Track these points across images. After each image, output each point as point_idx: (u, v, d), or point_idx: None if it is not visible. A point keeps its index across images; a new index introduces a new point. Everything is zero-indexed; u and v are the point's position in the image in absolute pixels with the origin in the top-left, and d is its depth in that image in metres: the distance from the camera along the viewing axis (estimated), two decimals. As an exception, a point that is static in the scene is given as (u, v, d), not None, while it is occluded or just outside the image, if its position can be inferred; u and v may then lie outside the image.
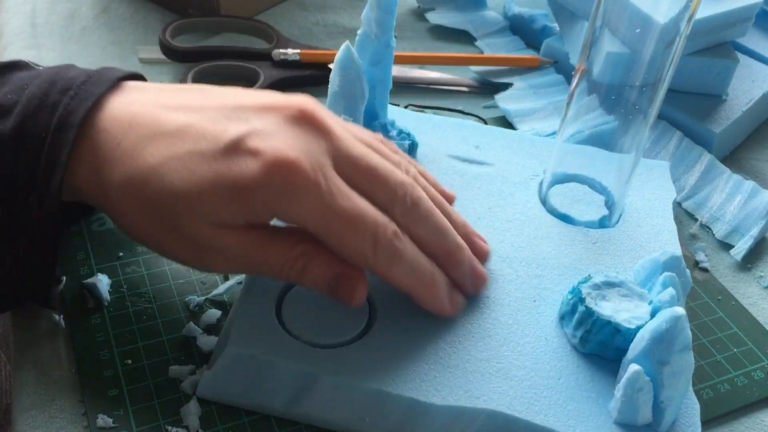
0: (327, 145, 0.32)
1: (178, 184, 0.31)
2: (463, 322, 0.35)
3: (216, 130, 0.32)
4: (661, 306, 0.34)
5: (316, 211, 0.31)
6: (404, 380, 0.33)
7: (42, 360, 0.35)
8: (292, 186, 0.30)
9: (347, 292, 0.33)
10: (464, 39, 0.65)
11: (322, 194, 0.31)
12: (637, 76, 0.37)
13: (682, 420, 0.33)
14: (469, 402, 0.32)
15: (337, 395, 0.32)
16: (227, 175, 0.30)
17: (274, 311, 0.35)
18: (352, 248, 0.32)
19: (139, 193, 0.31)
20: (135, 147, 0.32)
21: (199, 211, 0.31)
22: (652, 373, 0.32)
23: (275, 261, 0.32)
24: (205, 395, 0.33)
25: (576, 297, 0.35)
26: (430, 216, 0.34)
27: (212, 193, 0.30)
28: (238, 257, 0.32)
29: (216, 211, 0.31)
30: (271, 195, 0.31)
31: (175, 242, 0.32)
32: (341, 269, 0.33)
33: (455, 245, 0.35)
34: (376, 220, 0.32)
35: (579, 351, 0.35)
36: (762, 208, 0.47)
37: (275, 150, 0.30)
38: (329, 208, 0.31)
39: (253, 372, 0.33)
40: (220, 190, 0.30)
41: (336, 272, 0.33)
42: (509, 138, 0.48)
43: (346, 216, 0.31)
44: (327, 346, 0.34)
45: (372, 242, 0.32)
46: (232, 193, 0.30)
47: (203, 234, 0.31)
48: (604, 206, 0.43)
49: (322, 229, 0.32)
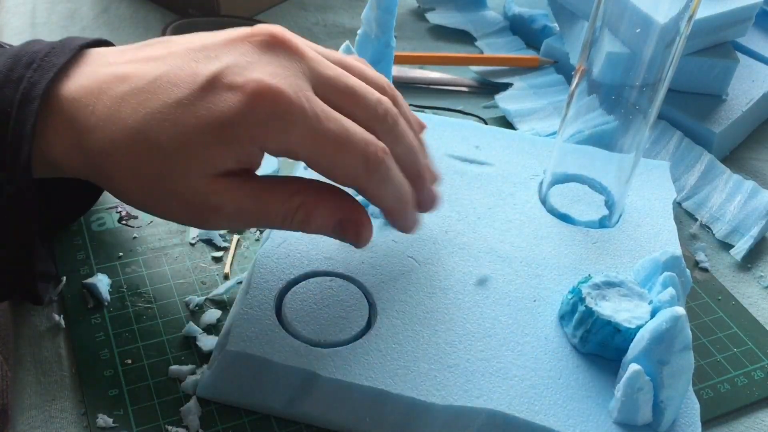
0: (303, 68, 0.31)
1: (163, 140, 0.30)
2: (463, 322, 0.35)
3: (187, 74, 0.30)
4: (661, 306, 0.34)
5: (304, 137, 0.30)
6: (404, 380, 0.33)
7: (42, 360, 0.35)
8: (277, 114, 0.29)
9: (353, 235, 0.33)
10: (464, 39, 0.65)
11: (309, 118, 0.30)
12: (637, 76, 0.37)
13: (682, 420, 0.33)
14: (469, 401, 0.32)
15: (337, 395, 0.32)
16: (209, 116, 0.29)
17: (273, 310, 0.35)
18: (344, 170, 0.31)
19: (125, 157, 0.31)
20: (110, 110, 0.31)
21: (190, 164, 0.30)
22: (652, 372, 0.32)
23: (274, 213, 0.32)
24: (205, 395, 0.33)
25: (576, 297, 0.35)
26: (407, 135, 0.34)
27: (199, 141, 0.30)
28: (237, 212, 0.31)
29: (206, 159, 0.30)
30: (257, 127, 0.30)
31: (171, 203, 0.31)
32: (343, 214, 0.33)
33: (425, 166, 0.36)
34: (366, 140, 0.31)
35: (579, 351, 0.35)
36: (762, 208, 0.47)
37: (253, 80, 0.30)
38: (317, 131, 0.30)
39: (253, 372, 0.33)
40: (206, 134, 0.30)
41: (338, 218, 0.32)
42: (509, 138, 0.48)
43: (335, 138, 0.31)
44: (327, 345, 0.34)
45: (364, 162, 0.31)
46: (219, 135, 0.30)
47: (198, 190, 0.30)
48: (604, 206, 0.43)
49: (312, 154, 0.31)
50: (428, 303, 0.36)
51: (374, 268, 0.38)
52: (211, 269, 0.40)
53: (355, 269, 0.37)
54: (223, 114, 0.29)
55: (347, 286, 0.36)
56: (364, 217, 0.33)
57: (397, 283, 0.37)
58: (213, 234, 0.41)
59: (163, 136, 0.30)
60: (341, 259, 0.38)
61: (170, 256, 0.40)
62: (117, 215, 0.42)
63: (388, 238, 0.39)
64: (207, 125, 0.30)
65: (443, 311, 0.36)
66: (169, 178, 0.30)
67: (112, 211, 0.42)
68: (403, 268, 0.38)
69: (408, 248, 0.39)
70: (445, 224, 0.41)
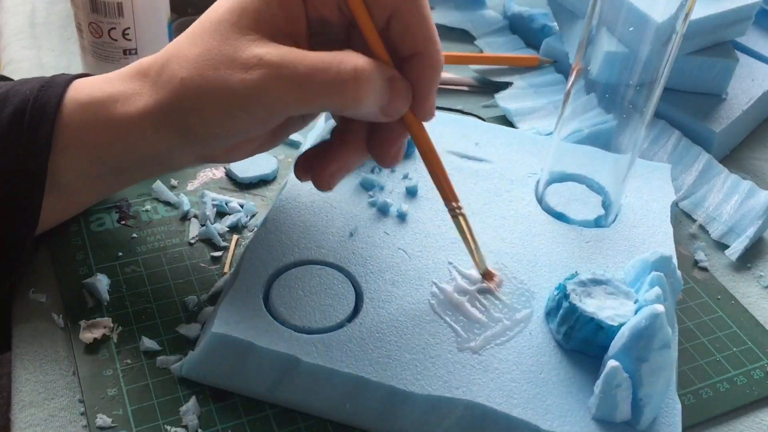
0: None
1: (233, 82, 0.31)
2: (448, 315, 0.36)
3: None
4: (646, 305, 0.34)
5: None
6: (385, 368, 0.33)
7: (41, 359, 0.35)
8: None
9: (402, 94, 0.33)
10: (464, 38, 0.65)
11: None
12: (633, 75, 0.37)
13: (663, 419, 0.33)
14: (448, 392, 0.32)
15: (318, 381, 0.33)
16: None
17: (261, 296, 0.35)
18: None
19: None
20: (147, 87, 0.34)
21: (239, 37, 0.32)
22: (631, 370, 0.32)
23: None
24: (191, 375, 0.34)
25: (561, 293, 0.35)
26: None
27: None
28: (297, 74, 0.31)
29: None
30: None
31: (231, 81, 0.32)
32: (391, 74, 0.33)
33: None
34: None
35: (563, 347, 0.35)
36: (759, 208, 0.47)
37: None
38: None
39: (237, 355, 0.33)
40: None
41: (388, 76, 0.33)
42: (509, 136, 0.48)
43: None
44: (311, 331, 0.34)
45: None
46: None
47: (253, 51, 0.32)
48: (600, 206, 0.43)
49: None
50: (415, 295, 0.36)
51: (364, 259, 0.38)
52: (210, 269, 0.40)
53: (345, 259, 0.38)
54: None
55: (336, 275, 0.37)
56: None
57: (385, 274, 0.37)
58: (212, 233, 0.41)
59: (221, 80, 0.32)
60: (332, 248, 0.38)
61: (169, 256, 0.40)
62: (116, 215, 0.42)
63: (380, 230, 0.40)
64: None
65: (429, 303, 0.36)
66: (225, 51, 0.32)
67: (111, 211, 0.43)
68: (393, 259, 0.38)
69: (399, 240, 0.39)
70: (438, 218, 0.41)
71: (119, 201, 0.43)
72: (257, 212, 0.44)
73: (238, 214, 0.43)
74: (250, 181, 0.46)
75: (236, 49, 0.32)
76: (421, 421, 0.32)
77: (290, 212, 0.40)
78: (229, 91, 0.31)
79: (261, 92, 0.31)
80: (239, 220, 0.43)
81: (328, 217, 0.40)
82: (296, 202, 0.41)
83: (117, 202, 0.43)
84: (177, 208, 0.43)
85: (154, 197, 0.44)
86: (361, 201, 0.41)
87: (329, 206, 0.41)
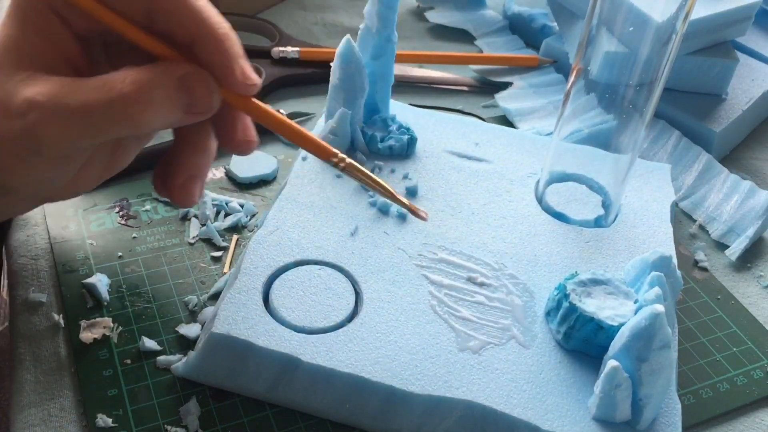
0: None
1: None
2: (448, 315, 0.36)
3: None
4: (646, 305, 0.34)
5: None
6: (384, 368, 0.33)
7: (41, 359, 0.35)
8: None
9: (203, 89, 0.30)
10: (464, 38, 0.65)
11: None
12: (633, 75, 0.37)
13: (663, 420, 0.33)
14: (448, 392, 0.32)
15: (318, 381, 0.33)
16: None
17: (261, 296, 0.35)
18: None
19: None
20: None
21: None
22: (631, 370, 0.32)
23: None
24: (191, 376, 0.34)
25: (561, 293, 0.35)
26: None
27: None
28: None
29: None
30: None
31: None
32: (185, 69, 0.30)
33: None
34: None
35: (563, 347, 0.35)
36: (759, 208, 0.47)
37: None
38: None
39: (237, 354, 0.33)
40: None
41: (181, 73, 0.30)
42: (509, 136, 0.48)
43: None
44: (310, 331, 0.34)
45: None
46: None
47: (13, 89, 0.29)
48: (600, 206, 0.43)
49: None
50: (415, 295, 0.36)
51: (364, 259, 0.38)
52: (210, 269, 0.40)
53: (344, 259, 0.38)
54: None
55: (335, 275, 0.37)
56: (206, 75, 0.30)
57: (385, 274, 0.37)
58: (212, 233, 0.41)
59: None
60: (331, 248, 0.38)
61: (169, 256, 0.40)
62: (117, 215, 0.42)
63: (380, 230, 0.40)
64: None
65: (429, 303, 0.36)
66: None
67: (111, 211, 0.43)
68: (393, 259, 0.38)
69: (399, 240, 0.39)
70: (438, 218, 0.41)
71: (120, 201, 0.43)
72: (257, 212, 0.44)
73: (238, 214, 0.43)
74: (250, 181, 0.46)
75: (8, 94, 0.29)
76: (421, 421, 0.32)
77: (290, 212, 0.40)
78: (14, 141, 0.29)
79: (41, 136, 0.28)
80: (239, 220, 0.43)
81: (328, 217, 0.40)
82: (296, 202, 0.41)
83: (117, 201, 0.43)
84: (177, 208, 0.43)
85: (155, 197, 0.44)
86: (361, 201, 0.41)
87: (329, 206, 0.41)
